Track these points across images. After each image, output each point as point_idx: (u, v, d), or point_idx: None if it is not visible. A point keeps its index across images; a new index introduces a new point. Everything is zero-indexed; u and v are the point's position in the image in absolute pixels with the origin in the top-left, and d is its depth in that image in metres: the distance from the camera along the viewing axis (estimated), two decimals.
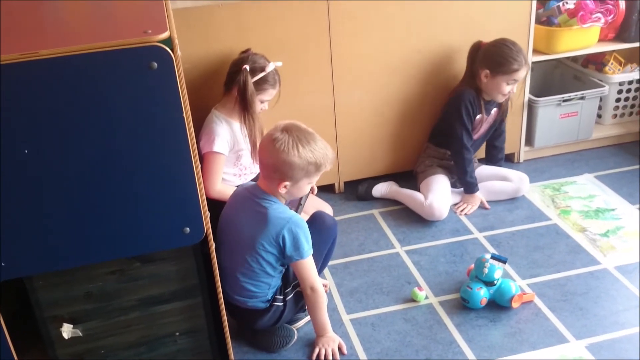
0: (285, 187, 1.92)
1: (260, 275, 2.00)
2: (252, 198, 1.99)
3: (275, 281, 2.05)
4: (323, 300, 2.04)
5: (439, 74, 2.84)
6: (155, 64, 1.37)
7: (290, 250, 1.94)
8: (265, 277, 2.01)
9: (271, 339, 2.11)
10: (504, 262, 2.21)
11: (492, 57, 2.66)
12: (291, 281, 2.08)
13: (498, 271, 2.19)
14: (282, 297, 2.07)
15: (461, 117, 2.71)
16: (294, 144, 1.88)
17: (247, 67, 2.35)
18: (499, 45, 2.66)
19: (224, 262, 1.99)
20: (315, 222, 2.13)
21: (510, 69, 2.63)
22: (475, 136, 2.82)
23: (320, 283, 2.02)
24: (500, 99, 2.74)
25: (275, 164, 1.89)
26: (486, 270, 2.18)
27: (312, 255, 2.01)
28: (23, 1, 1.79)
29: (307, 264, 1.98)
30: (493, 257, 2.22)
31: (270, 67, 2.39)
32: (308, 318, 2.17)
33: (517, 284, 2.23)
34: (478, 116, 2.75)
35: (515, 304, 2.19)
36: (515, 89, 2.70)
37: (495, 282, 2.20)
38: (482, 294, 2.18)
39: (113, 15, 1.66)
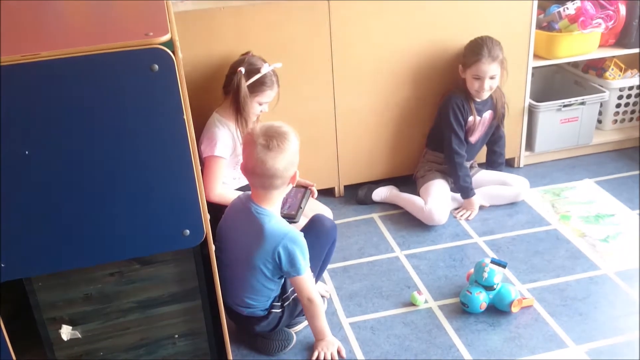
0: (296, 177, 1.95)
1: (259, 289, 2.00)
2: (247, 212, 1.97)
3: (275, 292, 2.05)
4: (321, 309, 2.04)
5: (439, 79, 2.84)
6: (157, 66, 1.37)
7: (286, 266, 1.93)
8: (265, 291, 2.01)
9: (270, 342, 2.11)
10: (504, 266, 2.21)
11: (463, 50, 2.72)
12: (289, 287, 2.07)
13: (498, 276, 2.19)
14: (280, 303, 2.06)
15: (449, 122, 2.72)
16: (285, 134, 1.90)
17: (242, 69, 2.35)
18: (472, 40, 2.70)
19: (223, 273, 1.98)
20: (314, 225, 2.13)
21: (471, 61, 2.64)
22: (473, 140, 2.82)
23: (317, 293, 2.02)
24: (478, 96, 2.72)
25: (288, 162, 1.89)
26: (486, 275, 2.18)
27: (313, 258, 2.01)
28: (24, 3, 1.80)
29: (304, 279, 1.97)
30: (493, 261, 2.22)
31: (265, 69, 2.39)
32: (307, 322, 2.16)
33: (516, 289, 2.23)
34: (470, 118, 2.75)
35: (514, 309, 2.19)
36: (487, 85, 2.65)
37: (494, 286, 2.20)
38: (482, 298, 2.18)
39: (114, 17, 1.67)
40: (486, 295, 2.19)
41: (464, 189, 2.77)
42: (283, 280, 2.04)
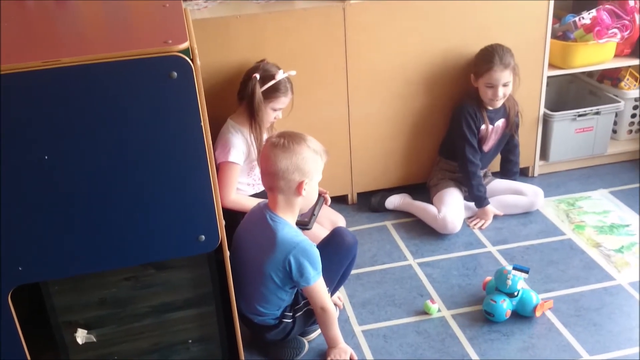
0: (304, 188, 1.92)
1: (270, 298, 1.99)
2: (263, 219, 1.97)
3: (287, 302, 2.04)
4: (334, 318, 2.04)
5: (453, 87, 2.84)
6: (175, 74, 1.39)
7: (296, 276, 1.92)
8: (276, 300, 2.01)
9: (282, 350, 2.11)
10: (527, 272, 2.20)
11: (474, 59, 2.72)
12: (302, 299, 2.07)
13: (520, 282, 2.19)
14: (291, 314, 2.06)
15: (462, 130, 2.72)
16: (299, 139, 1.91)
17: (257, 75, 2.37)
18: (482, 49, 2.70)
19: (237, 280, 1.98)
20: (335, 239, 2.11)
21: (483, 69, 2.64)
22: (486, 148, 2.82)
23: (330, 302, 2.01)
24: (492, 104, 2.72)
25: (292, 164, 1.88)
26: (509, 282, 2.17)
27: (330, 272, 2.02)
28: (45, 11, 1.82)
29: (315, 289, 1.96)
30: (515, 267, 2.21)
31: (280, 75, 2.41)
32: (320, 331, 2.16)
33: (536, 293, 2.23)
34: (482, 127, 2.75)
35: (538, 313, 2.19)
36: (500, 93, 2.64)
37: (516, 293, 2.19)
38: (506, 306, 2.18)
39: (134, 25, 1.69)
40: (509, 302, 2.19)
41: (478, 198, 2.76)
42: (295, 290, 2.04)
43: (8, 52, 1.40)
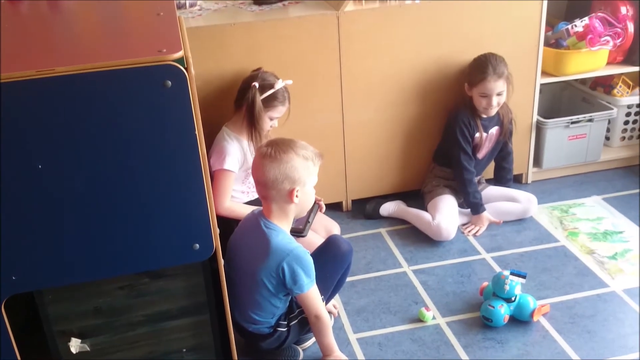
0: (297, 195, 1.92)
1: (264, 305, 1.99)
2: (257, 226, 1.97)
3: (281, 310, 2.04)
4: (328, 326, 2.04)
5: (447, 94, 2.86)
6: (170, 82, 1.39)
7: (289, 283, 1.92)
8: (270, 307, 2.00)
9: (277, 358, 2.11)
10: (524, 277, 2.21)
11: (468, 69, 2.74)
12: (296, 307, 2.06)
13: (518, 287, 2.20)
14: (286, 322, 2.06)
15: (457, 138, 2.73)
16: (286, 147, 1.91)
17: (256, 84, 2.38)
18: (475, 58, 2.72)
19: (231, 288, 1.98)
20: (330, 247, 2.12)
21: (476, 79, 2.66)
22: (480, 155, 2.83)
23: (324, 310, 2.01)
24: (486, 113, 2.73)
25: (280, 173, 1.88)
26: (507, 287, 2.18)
27: (325, 280, 2.02)
28: (39, 19, 1.82)
29: (309, 296, 1.96)
30: (513, 273, 2.22)
31: (279, 84, 2.42)
32: (315, 339, 2.16)
33: (533, 297, 2.23)
34: (477, 135, 2.76)
35: (536, 317, 2.20)
36: (495, 102, 2.66)
37: (513, 298, 2.20)
38: (504, 311, 2.18)
39: (128, 34, 1.69)
40: (507, 307, 2.20)
41: (474, 205, 2.77)
42: (289, 298, 2.04)
43: (2, 61, 1.40)
